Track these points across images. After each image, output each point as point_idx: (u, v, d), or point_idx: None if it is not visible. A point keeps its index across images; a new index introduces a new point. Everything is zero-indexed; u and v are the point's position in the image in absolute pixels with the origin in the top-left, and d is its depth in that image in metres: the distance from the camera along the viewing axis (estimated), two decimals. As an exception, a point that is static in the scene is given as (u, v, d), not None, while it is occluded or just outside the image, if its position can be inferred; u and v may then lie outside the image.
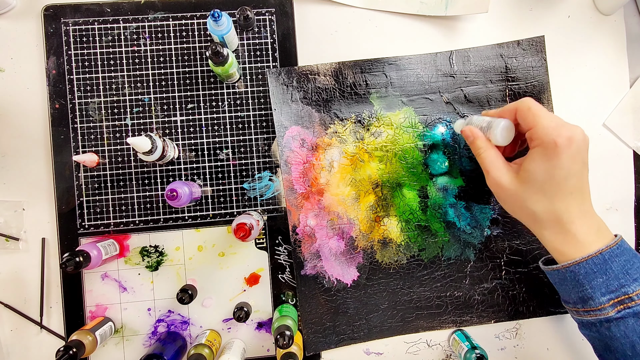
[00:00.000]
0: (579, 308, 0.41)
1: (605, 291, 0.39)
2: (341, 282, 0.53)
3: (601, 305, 0.39)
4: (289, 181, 0.53)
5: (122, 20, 0.52)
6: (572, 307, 0.43)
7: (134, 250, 0.52)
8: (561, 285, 0.43)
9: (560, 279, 0.42)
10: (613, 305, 0.38)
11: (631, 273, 0.39)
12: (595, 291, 0.39)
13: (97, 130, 0.52)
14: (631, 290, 0.38)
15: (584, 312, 0.41)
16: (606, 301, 0.39)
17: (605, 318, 0.39)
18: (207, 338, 0.49)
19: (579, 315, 0.42)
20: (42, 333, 0.52)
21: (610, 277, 0.38)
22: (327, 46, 0.55)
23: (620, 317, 0.38)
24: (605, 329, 0.39)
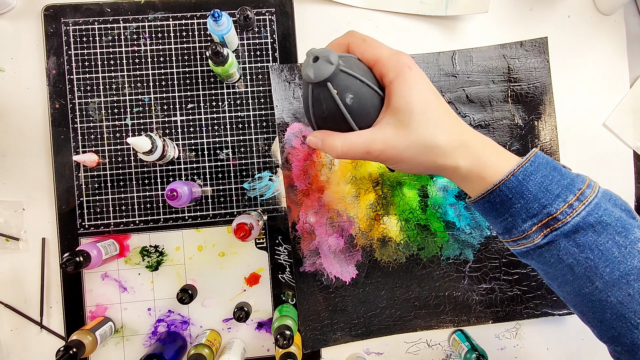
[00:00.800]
0: (507, 239, 0.36)
1: (526, 217, 0.33)
2: (340, 280, 0.53)
3: (525, 233, 0.34)
4: (289, 178, 0.53)
5: (122, 20, 0.52)
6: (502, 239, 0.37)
7: (134, 250, 0.52)
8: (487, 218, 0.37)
9: (482, 211, 0.37)
10: (537, 230, 0.33)
11: (551, 189, 0.33)
12: (515, 219, 0.34)
13: (97, 130, 0.52)
14: (554, 210, 0.32)
15: (512, 242, 0.36)
16: (529, 227, 0.34)
17: (534, 245, 0.34)
18: (207, 338, 0.49)
19: (511, 246, 0.37)
20: (42, 333, 0.52)
21: (527, 200, 0.33)
22: (327, 46, 0.55)
23: (549, 242, 0.33)
24: (538, 256, 0.35)
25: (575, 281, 0.34)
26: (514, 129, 0.54)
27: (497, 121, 0.54)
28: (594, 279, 0.33)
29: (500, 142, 0.54)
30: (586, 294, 0.33)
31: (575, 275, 0.33)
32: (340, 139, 0.33)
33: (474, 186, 0.35)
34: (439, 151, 0.34)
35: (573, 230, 0.32)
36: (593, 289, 0.33)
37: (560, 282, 0.35)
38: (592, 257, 0.32)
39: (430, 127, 0.33)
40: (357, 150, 0.33)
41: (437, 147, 0.33)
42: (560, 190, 0.33)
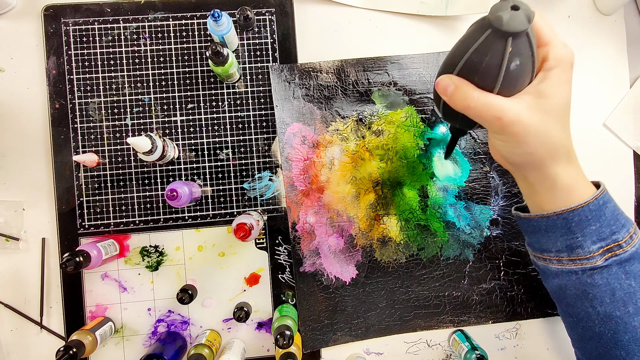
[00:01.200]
0: (562, 257, 0.39)
1: (597, 239, 0.37)
2: (340, 280, 0.53)
3: (590, 254, 0.37)
4: (289, 178, 0.53)
5: (122, 20, 0.52)
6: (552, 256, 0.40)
7: (134, 250, 0.52)
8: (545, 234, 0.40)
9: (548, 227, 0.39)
10: (602, 253, 0.37)
11: (619, 219, 0.37)
12: (586, 239, 0.37)
13: (97, 130, 0.52)
14: (620, 237, 0.37)
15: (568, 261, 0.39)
16: (596, 249, 0.37)
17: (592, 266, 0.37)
18: (207, 338, 0.49)
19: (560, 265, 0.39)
20: (42, 333, 0.52)
21: (602, 224, 0.37)
22: (327, 46, 0.55)
23: (605, 266, 0.37)
24: (587, 277, 0.38)
25: (612, 304, 0.37)
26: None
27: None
28: (628, 303, 0.36)
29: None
30: (615, 317, 0.37)
31: (614, 298, 0.37)
32: (478, 93, 0.32)
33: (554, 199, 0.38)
34: (554, 151, 0.35)
35: (627, 259, 0.36)
36: (624, 312, 0.37)
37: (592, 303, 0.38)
38: (634, 284, 0.36)
39: (560, 125, 0.34)
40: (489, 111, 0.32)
41: (556, 147, 0.35)
42: (625, 222, 0.37)
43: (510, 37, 0.29)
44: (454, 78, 0.33)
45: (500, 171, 0.54)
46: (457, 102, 0.33)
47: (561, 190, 0.37)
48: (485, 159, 0.54)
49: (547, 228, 0.39)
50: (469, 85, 0.33)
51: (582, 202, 0.36)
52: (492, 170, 0.54)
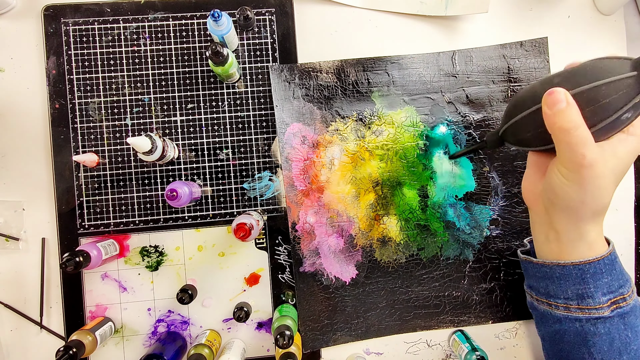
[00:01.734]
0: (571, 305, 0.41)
1: (607, 291, 0.39)
2: (339, 280, 0.53)
3: (600, 305, 0.39)
4: (289, 178, 0.53)
5: (122, 20, 0.52)
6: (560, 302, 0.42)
7: (134, 250, 0.52)
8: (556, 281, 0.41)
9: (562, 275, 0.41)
10: (610, 305, 0.39)
11: (624, 273, 0.40)
12: (597, 290, 0.39)
13: (97, 130, 0.52)
14: (625, 291, 0.39)
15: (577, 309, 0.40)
16: (606, 301, 0.39)
17: (599, 316, 0.39)
18: (207, 338, 0.49)
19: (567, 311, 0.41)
20: (42, 333, 0.52)
21: (613, 278, 0.39)
22: (327, 46, 0.55)
23: (610, 316, 0.39)
24: (591, 325, 0.40)
25: (609, 352, 0.39)
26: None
27: (497, 121, 0.54)
28: (623, 352, 0.39)
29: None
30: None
31: (612, 347, 0.39)
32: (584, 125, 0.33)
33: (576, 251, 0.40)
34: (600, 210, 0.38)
35: (628, 311, 0.39)
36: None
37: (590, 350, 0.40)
38: (630, 335, 0.39)
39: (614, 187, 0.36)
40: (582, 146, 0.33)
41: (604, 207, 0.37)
42: (628, 277, 0.41)
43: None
44: (570, 97, 0.33)
45: (500, 171, 0.54)
46: (558, 119, 0.33)
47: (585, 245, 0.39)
48: (485, 159, 0.54)
49: (560, 276, 0.41)
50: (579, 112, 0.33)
51: (599, 256, 0.39)
52: (492, 170, 0.54)
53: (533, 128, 0.36)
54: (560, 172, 0.36)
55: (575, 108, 0.33)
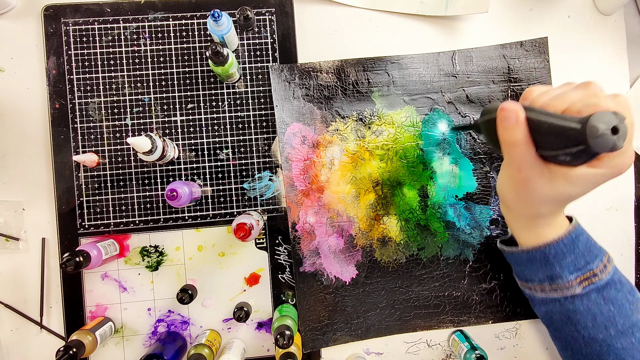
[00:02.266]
0: (544, 286, 0.43)
1: (573, 269, 0.41)
2: (340, 280, 0.53)
3: (569, 283, 0.41)
4: (289, 178, 0.53)
5: (122, 20, 0.52)
6: (536, 285, 0.44)
7: (134, 250, 0.52)
8: (527, 266, 0.44)
9: (529, 260, 0.43)
10: (580, 282, 0.41)
11: (592, 250, 0.41)
12: (564, 270, 0.41)
13: (97, 130, 0.52)
14: (595, 267, 0.41)
15: (550, 290, 0.43)
16: (573, 279, 0.41)
17: (572, 294, 0.41)
18: (207, 338, 0.49)
19: (543, 293, 0.44)
20: (42, 333, 0.52)
21: (577, 256, 0.41)
22: (327, 46, 0.55)
23: (584, 293, 0.41)
24: (569, 304, 0.42)
25: (594, 328, 0.41)
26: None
27: (497, 121, 0.54)
28: (609, 327, 0.40)
29: (500, 142, 0.54)
30: (599, 339, 0.41)
31: (596, 322, 0.40)
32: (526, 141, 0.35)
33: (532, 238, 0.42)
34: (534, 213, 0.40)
35: (603, 285, 0.40)
36: (607, 335, 0.40)
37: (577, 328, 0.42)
38: (612, 309, 0.40)
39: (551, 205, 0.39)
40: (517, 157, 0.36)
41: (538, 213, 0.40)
42: (597, 253, 0.41)
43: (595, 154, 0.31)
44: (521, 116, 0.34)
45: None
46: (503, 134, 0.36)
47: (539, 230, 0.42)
48: (485, 159, 0.54)
49: (528, 261, 0.44)
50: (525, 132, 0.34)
51: (556, 238, 0.40)
52: (492, 170, 0.54)
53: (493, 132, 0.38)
54: (504, 173, 0.41)
55: (521, 128, 0.34)
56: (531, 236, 0.42)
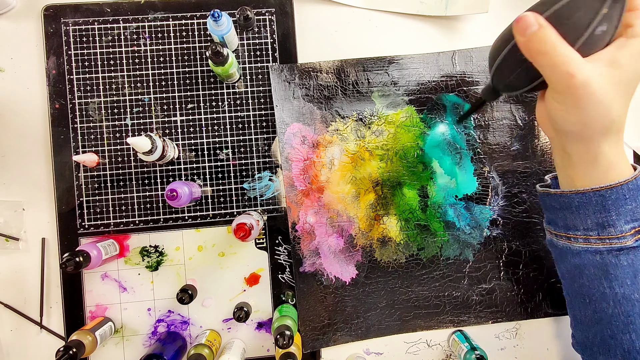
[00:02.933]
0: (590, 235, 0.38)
1: (630, 219, 0.36)
2: (339, 280, 0.53)
3: (622, 234, 0.36)
4: (289, 178, 0.53)
5: (122, 20, 0.52)
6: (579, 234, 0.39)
7: (134, 250, 0.52)
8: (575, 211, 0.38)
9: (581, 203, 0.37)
10: (634, 234, 0.36)
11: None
12: (620, 218, 0.36)
13: (97, 130, 0.52)
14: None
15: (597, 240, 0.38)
16: (629, 229, 0.36)
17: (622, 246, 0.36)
18: (207, 338, 0.49)
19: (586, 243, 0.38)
20: (42, 333, 0.52)
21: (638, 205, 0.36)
22: (327, 46, 0.55)
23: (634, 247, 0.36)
24: (613, 257, 0.37)
25: (632, 285, 0.36)
26: (514, 129, 0.54)
27: (497, 121, 0.54)
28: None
29: (500, 142, 0.54)
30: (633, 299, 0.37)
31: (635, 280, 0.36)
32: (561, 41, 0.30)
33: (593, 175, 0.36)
34: (608, 127, 0.33)
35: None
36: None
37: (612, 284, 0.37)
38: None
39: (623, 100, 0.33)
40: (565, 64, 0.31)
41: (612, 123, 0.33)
42: None
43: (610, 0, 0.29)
44: (541, 19, 0.31)
45: (500, 171, 0.54)
46: (534, 44, 0.31)
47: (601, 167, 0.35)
48: (485, 159, 0.54)
49: (579, 205, 0.38)
50: (553, 31, 0.31)
51: (622, 180, 0.35)
52: (492, 170, 0.54)
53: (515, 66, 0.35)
54: (554, 98, 0.34)
55: (549, 28, 0.31)
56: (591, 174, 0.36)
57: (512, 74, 0.36)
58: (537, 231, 0.54)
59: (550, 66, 0.31)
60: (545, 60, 0.31)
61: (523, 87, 0.36)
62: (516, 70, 0.35)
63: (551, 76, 0.32)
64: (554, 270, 0.54)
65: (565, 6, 0.30)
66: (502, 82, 0.38)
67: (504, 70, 0.37)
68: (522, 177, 0.54)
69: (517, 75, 0.36)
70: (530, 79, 0.35)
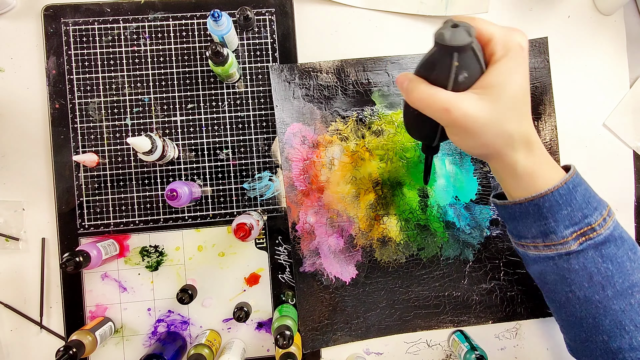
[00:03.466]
0: (538, 243, 0.39)
1: (569, 224, 0.36)
2: (340, 280, 0.53)
3: (564, 239, 0.37)
4: (289, 178, 0.53)
5: (122, 20, 0.52)
6: (529, 242, 0.40)
7: (134, 250, 0.52)
8: (520, 220, 0.39)
9: (521, 213, 0.39)
10: (576, 237, 0.36)
11: (591, 202, 0.37)
12: (559, 224, 0.36)
13: (97, 130, 0.52)
14: (593, 220, 0.36)
15: (544, 247, 0.38)
16: (569, 234, 0.36)
17: (567, 251, 0.37)
18: (207, 338, 0.49)
19: (537, 250, 0.39)
20: (42, 333, 0.52)
21: (574, 209, 0.36)
22: (327, 46, 0.55)
23: (580, 250, 0.37)
24: (564, 262, 0.38)
25: (590, 288, 0.37)
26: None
27: (497, 121, 0.54)
28: (607, 287, 0.36)
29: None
30: (595, 300, 0.37)
31: (592, 282, 0.37)
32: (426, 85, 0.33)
33: (521, 186, 0.37)
34: (508, 140, 0.34)
35: (602, 242, 0.36)
36: (604, 296, 0.36)
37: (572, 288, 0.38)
38: (610, 267, 0.36)
39: (511, 114, 0.33)
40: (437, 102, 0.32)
41: (509, 135, 0.34)
42: (597, 205, 0.37)
43: (455, 52, 0.30)
44: (410, 74, 0.34)
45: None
46: (412, 95, 0.34)
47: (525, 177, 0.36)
48: (485, 159, 0.54)
49: (521, 215, 0.39)
50: (421, 80, 0.34)
51: (551, 187, 0.35)
52: (492, 170, 0.54)
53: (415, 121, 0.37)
54: (450, 132, 0.35)
55: (417, 79, 0.33)
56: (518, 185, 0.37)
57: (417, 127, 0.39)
58: (537, 231, 0.54)
59: (430, 108, 0.33)
60: (424, 105, 0.33)
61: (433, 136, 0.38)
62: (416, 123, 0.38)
63: (434, 116, 0.34)
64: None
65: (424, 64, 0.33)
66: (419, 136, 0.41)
67: (411, 127, 0.40)
68: None
69: (420, 128, 0.38)
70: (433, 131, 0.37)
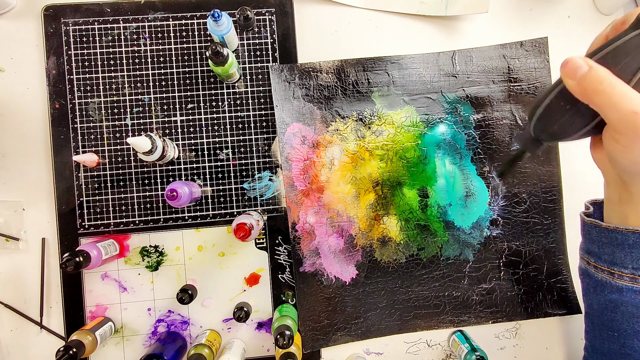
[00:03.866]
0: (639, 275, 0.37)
1: None
2: (340, 280, 0.53)
3: None
4: (289, 178, 0.53)
5: (122, 20, 0.52)
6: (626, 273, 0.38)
7: (134, 250, 0.52)
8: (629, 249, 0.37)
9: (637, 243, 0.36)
10: None
11: None
12: None
13: (97, 130, 0.52)
14: None
15: None
16: None
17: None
18: (207, 338, 0.49)
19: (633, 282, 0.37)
20: (42, 333, 0.52)
21: None
22: (327, 46, 0.55)
23: None
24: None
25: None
26: (514, 129, 0.54)
27: (497, 121, 0.54)
28: None
29: (500, 142, 0.54)
30: None
31: None
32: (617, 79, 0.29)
33: None
34: None
35: None
36: None
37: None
38: None
39: None
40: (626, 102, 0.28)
41: None
42: None
43: None
44: (588, 60, 0.30)
45: (500, 171, 0.54)
46: (588, 84, 0.29)
47: None
48: (485, 159, 0.54)
49: (634, 244, 0.37)
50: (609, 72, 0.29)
51: None
52: (492, 170, 0.54)
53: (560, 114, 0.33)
54: (615, 139, 0.31)
55: (600, 67, 0.29)
56: None
57: (557, 122, 0.35)
58: (537, 231, 0.54)
59: (610, 105, 0.29)
60: (604, 100, 0.29)
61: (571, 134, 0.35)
62: (562, 118, 0.34)
63: (612, 115, 0.30)
64: (554, 270, 0.55)
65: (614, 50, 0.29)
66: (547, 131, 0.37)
67: (548, 119, 0.36)
68: (522, 177, 0.54)
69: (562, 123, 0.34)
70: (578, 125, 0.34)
